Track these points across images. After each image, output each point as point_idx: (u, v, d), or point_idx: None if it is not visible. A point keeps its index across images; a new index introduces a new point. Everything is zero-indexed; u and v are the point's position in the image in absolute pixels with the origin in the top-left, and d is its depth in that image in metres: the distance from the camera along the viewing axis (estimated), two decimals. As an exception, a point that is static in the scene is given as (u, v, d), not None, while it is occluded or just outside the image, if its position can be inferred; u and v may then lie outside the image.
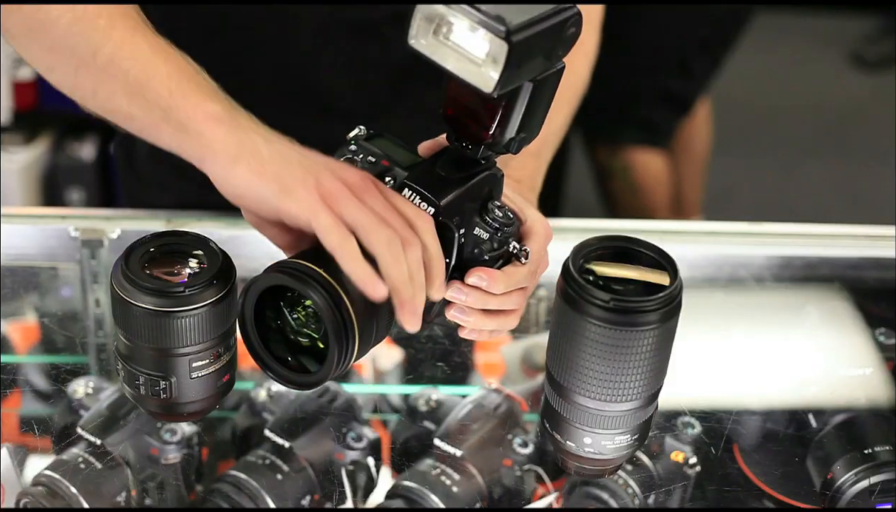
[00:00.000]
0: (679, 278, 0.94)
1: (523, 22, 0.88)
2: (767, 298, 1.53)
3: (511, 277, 1.00)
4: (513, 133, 0.97)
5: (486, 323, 1.01)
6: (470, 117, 0.97)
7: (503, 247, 1.00)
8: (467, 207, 0.99)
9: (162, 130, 1.00)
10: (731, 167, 3.64)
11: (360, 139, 1.02)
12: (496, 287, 0.99)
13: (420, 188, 0.98)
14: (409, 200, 0.97)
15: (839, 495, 1.23)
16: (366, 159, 1.01)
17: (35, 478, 1.18)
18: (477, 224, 0.99)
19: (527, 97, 0.95)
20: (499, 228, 0.99)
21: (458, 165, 1.00)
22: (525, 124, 0.97)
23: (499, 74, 0.88)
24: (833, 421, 1.32)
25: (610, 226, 1.47)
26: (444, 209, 0.97)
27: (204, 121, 0.97)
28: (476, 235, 0.99)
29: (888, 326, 1.46)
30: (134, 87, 1.00)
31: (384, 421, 1.39)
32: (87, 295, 1.40)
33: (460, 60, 0.91)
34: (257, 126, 0.99)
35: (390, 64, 1.39)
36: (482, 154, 0.99)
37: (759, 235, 1.53)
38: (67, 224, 1.42)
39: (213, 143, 0.97)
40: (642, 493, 1.24)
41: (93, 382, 1.29)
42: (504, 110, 0.95)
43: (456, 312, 1.00)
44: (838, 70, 4.37)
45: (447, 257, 0.98)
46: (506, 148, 0.99)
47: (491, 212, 1.00)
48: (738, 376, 1.41)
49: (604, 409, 0.96)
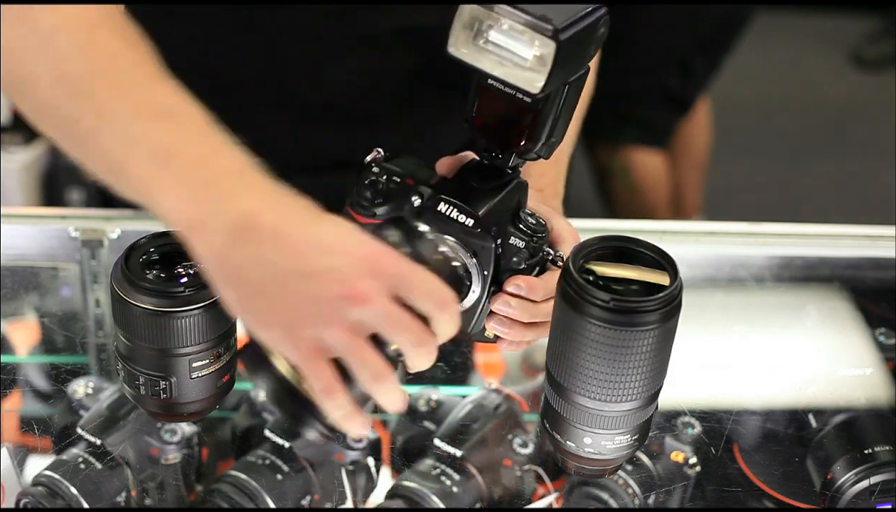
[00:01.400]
0: (679, 278, 0.94)
1: (567, 21, 0.88)
2: (767, 298, 1.53)
3: (549, 283, 0.99)
4: (546, 138, 0.97)
5: (526, 334, 1.01)
6: (503, 125, 0.97)
7: (538, 254, 1.00)
8: (502, 217, 0.98)
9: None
10: (731, 167, 3.64)
11: (380, 161, 1.00)
12: (536, 294, 0.98)
13: (456, 201, 0.96)
14: (429, 275, 0.88)
15: (839, 495, 1.23)
16: (390, 180, 0.98)
17: (35, 478, 1.18)
18: (511, 234, 0.98)
19: (561, 100, 0.94)
20: (532, 235, 0.99)
21: (486, 177, 0.99)
22: (558, 128, 0.97)
23: (546, 75, 0.88)
24: (833, 421, 1.32)
25: (610, 226, 1.47)
26: (483, 220, 0.96)
27: (178, 224, 0.88)
28: (512, 245, 0.98)
29: (888, 326, 1.46)
30: (113, 167, 0.90)
31: (384, 421, 1.39)
32: (87, 295, 1.40)
33: (503, 64, 0.90)
34: (247, 217, 0.85)
35: (396, 77, 1.38)
36: (513, 162, 0.99)
37: (759, 235, 1.53)
38: (67, 224, 1.42)
39: (192, 248, 0.88)
40: (642, 493, 1.24)
41: (93, 382, 1.29)
42: (539, 114, 0.95)
43: (497, 324, 1.00)
44: (838, 70, 4.36)
45: (485, 270, 0.97)
46: (537, 154, 0.98)
47: (523, 220, 0.99)
48: (738, 376, 1.41)
49: (604, 409, 0.96)
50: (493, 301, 0.99)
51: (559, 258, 1.00)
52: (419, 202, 0.97)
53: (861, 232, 1.53)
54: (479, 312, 1.00)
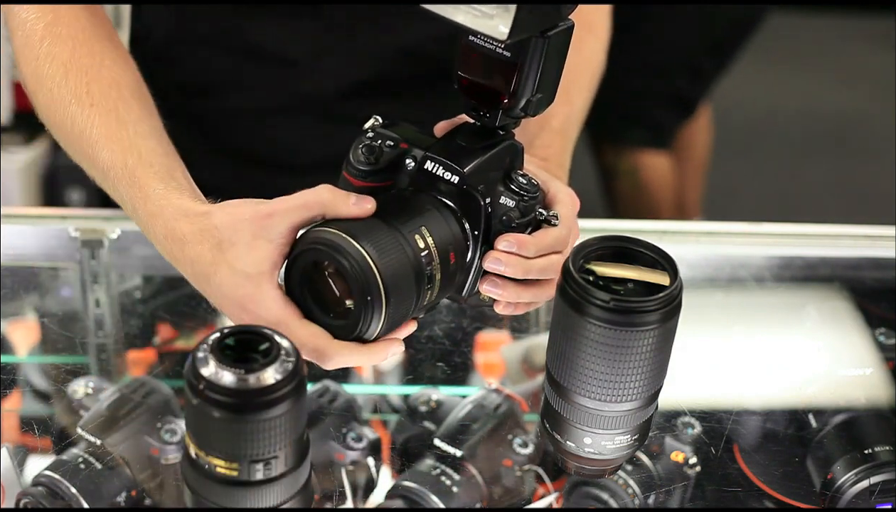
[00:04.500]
0: (679, 278, 0.94)
1: None
2: (767, 298, 1.53)
3: (542, 240, 1.00)
4: (529, 94, 0.97)
5: (521, 294, 1.01)
6: (486, 81, 0.97)
7: (530, 213, 1.00)
8: (491, 177, 0.99)
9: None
10: (731, 168, 3.64)
11: (376, 127, 1.03)
12: (527, 249, 0.98)
13: (442, 158, 0.98)
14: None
15: (839, 495, 1.23)
16: (384, 144, 1.01)
17: (35, 478, 1.18)
18: (502, 193, 0.99)
19: (539, 54, 0.95)
20: (524, 195, 0.99)
21: (477, 137, 1.01)
22: (541, 84, 0.97)
23: (511, 20, 0.88)
24: (833, 421, 1.32)
25: (610, 226, 1.47)
26: (469, 176, 0.97)
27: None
28: (502, 204, 0.99)
29: (888, 326, 1.46)
30: (100, 171, 1.06)
31: (384, 421, 1.39)
32: (87, 295, 1.40)
33: (470, 12, 0.91)
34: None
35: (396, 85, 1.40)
36: (501, 122, 0.99)
37: (759, 235, 1.53)
38: (67, 224, 1.42)
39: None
40: (642, 493, 1.24)
41: (93, 382, 1.29)
42: (518, 69, 0.95)
43: (489, 285, 1.00)
44: (839, 71, 4.37)
45: (475, 229, 0.98)
46: (524, 110, 0.99)
47: (514, 180, 1.00)
48: (738, 376, 1.41)
49: (604, 409, 0.96)
50: (484, 260, 0.99)
51: (553, 217, 1.01)
52: (413, 165, 0.99)
53: (861, 232, 1.53)
54: (473, 273, 1.00)
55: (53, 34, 1.11)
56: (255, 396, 0.87)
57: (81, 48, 1.10)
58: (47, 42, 1.11)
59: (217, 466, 0.90)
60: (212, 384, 0.87)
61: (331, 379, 1.31)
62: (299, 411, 0.91)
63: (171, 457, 1.22)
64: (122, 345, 1.42)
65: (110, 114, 1.06)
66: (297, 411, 0.90)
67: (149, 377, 1.29)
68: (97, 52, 1.11)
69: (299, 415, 0.91)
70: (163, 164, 1.03)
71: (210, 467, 0.90)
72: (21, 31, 1.13)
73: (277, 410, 0.88)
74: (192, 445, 0.91)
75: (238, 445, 0.89)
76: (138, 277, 1.46)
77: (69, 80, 1.08)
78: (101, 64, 1.10)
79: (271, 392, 0.87)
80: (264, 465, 0.90)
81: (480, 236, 0.99)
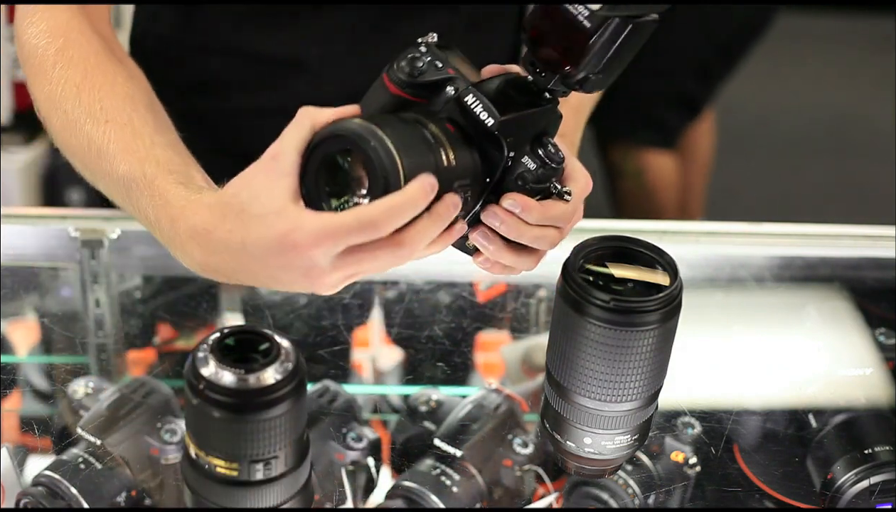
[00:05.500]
0: (679, 278, 0.94)
1: None
2: (767, 298, 1.53)
3: (547, 210, 0.98)
4: (591, 71, 0.96)
5: (505, 255, 0.99)
6: (556, 41, 0.96)
7: (545, 182, 0.98)
8: (522, 134, 0.97)
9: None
10: (731, 167, 3.64)
11: (430, 44, 0.99)
12: (530, 215, 0.97)
13: (484, 99, 0.96)
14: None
15: (839, 495, 1.23)
16: (432, 63, 0.98)
17: (35, 478, 1.18)
18: (527, 153, 0.98)
19: (620, 37, 0.94)
20: (547, 163, 0.98)
21: (524, 92, 0.99)
22: (606, 66, 0.96)
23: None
24: (833, 421, 1.32)
25: (610, 226, 1.47)
26: (502, 125, 0.95)
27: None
28: (523, 163, 0.97)
29: (888, 326, 1.46)
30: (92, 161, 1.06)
31: (384, 421, 1.39)
32: (87, 295, 1.40)
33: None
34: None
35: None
36: (553, 85, 0.98)
37: (759, 235, 1.53)
38: (67, 224, 1.42)
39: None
40: (642, 493, 1.24)
41: (93, 382, 1.29)
42: (594, 42, 0.94)
43: (480, 236, 0.98)
44: (839, 71, 4.37)
45: (488, 176, 0.96)
46: (579, 84, 0.97)
47: (544, 145, 0.98)
48: (738, 376, 1.41)
49: (604, 409, 0.96)
50: (483, 210, 0.98)
51: (565, 193, 0.99)
52: (452, 93, 0.97)
53: (861, 232, 1.53)
54: (470, 217, 0.98)
55: (65, 58, 1.11)
56: (255, 396, 0.87)
57: (94, 70, 1.10)
58: (59, 67, 1.10)
59: (217, 466, 0.90)
60: (212, 384, 0.87)
61: (331, 379, 1.31)
62: (299, 411, 0.91)
63: (171, 457, 1.22)
64: (122, 345, 1.42)
65: (125, 128, 1.05)
66: (297, 411, 0.90)
67: (149, 377, 1.29)
68: (109, 72, 1.11)
69: (299, 415, 0.91)
70: (182, 173, 1.02)
71: (210, 467, 0.91)
72: (33, 59, 1.13)
73: (277, 410, 0.88)
74: (192, 445, 0.92)
75: (238, 445, 0.89)
76: (138, 277, 1.46)
77: (82, 100, 1.08)
78: (113, 81, 1.10)
79: (271, 392, 0.87)
80: (264, 465, 0.90)
81: (489, 186, 0.97)
